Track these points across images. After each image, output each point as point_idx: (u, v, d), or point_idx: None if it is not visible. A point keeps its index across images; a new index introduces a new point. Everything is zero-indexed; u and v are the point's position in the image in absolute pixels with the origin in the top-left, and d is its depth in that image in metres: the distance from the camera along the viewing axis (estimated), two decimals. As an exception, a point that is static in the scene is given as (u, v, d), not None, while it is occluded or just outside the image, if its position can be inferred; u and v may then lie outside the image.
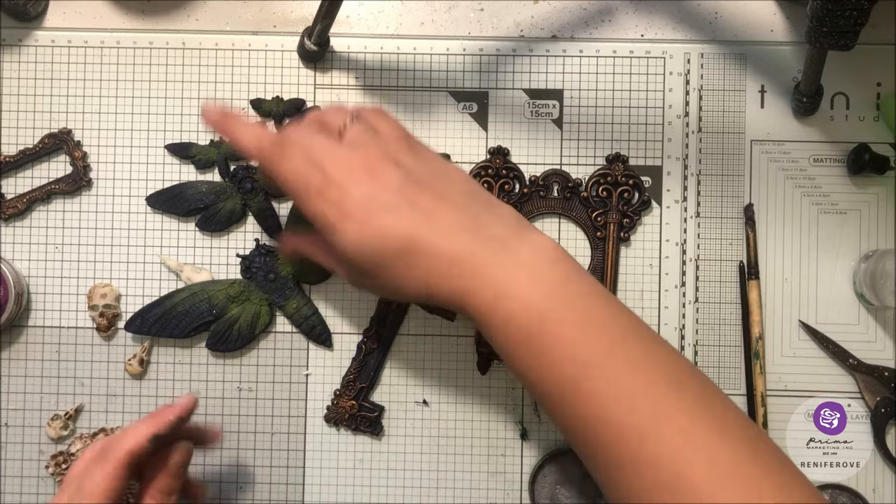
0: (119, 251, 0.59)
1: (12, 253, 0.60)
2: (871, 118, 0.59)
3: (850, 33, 0.49)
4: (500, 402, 0.59)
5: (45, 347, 0.59)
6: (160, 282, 0.59)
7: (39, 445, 0.59)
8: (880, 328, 0.59)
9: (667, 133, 0.59)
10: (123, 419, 0.59)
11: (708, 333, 0.59)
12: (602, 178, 0.59)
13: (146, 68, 0.60)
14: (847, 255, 0.59)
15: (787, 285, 0.59)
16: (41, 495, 0.59)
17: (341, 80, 0.60)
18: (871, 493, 0.58)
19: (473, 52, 0.60)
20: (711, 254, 0.59)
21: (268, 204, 0.59)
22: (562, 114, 0.59)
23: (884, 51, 0.59)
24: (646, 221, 0.59)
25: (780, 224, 0.59)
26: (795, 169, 0.59)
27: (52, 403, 0.59)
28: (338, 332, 0.59)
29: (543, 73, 0.60)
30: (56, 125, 0.60)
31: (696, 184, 0.59)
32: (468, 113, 0.60)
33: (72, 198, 0.60)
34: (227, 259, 0.59)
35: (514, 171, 0.59)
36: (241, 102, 0.60)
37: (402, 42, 0.60)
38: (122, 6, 0.60)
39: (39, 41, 0.60)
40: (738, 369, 0.58)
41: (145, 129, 0.60)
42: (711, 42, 0.60)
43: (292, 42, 0.60)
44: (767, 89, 0.59)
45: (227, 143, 0.59)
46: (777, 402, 0.58)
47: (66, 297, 0.59)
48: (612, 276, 0.58)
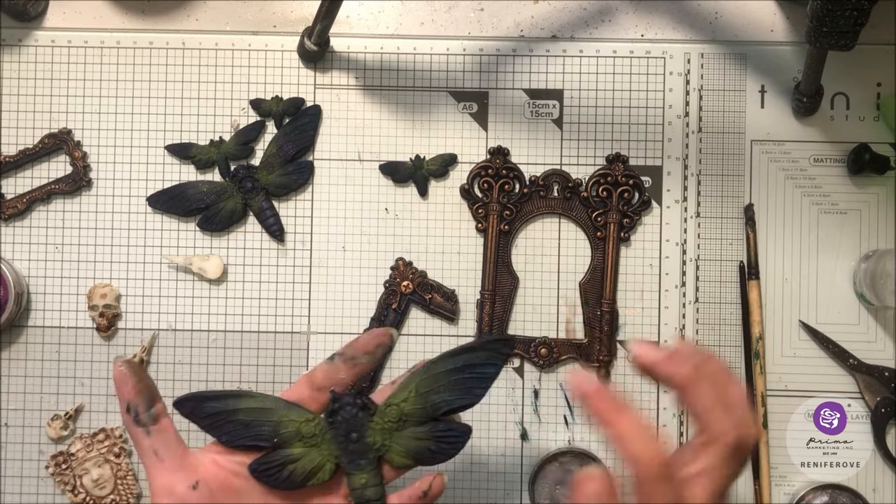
0: (119, 251, 0.59)
1: (12, 253, 0.60)
2: (871, 118, 0.59)
3: (850, 33, 0.49)
4: (500, 402, 0.59)
5: (45, 347, 0.59)
6: (160, 282, 0.59)
7: (39, 445, 0.59)
8: (880, 328, 0.59)
9: (667, 133, 0.59)
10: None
11: (708, 333, 0.59)
12: (602, 178, 0.59)
13: (146, 68, 0.60)
14: (847, 255, 0.59)
15: (787, 285, 0.59)
16: (41, 495, 0.59)
17: (341, 80, 0.60)
18: (871, 493, 0.58)
19: (473, 52, 0.60)
20: (711, 254, 0.59)
21: (269, 203, 0.59)
22: (562, 114, 0.59)
23: (884, 51, 0.59)
24: (646, 221, 0.59)
25: (780, 224, 0.59)
26: (795, 169, 0.59)
27: (52, 403, 0.59)
28: (338, 333, 0.59)
29: (543, 73, 0.60)
30: (56, 125, 0.60)
31: (696, 184, 0.59)
32: (468, 113, 0.60)
33: (72, 198, 0.60)
34: (227, 259, 0.59)
35: (514, 171, 0.59)
36: (241, 102, 0.60)
37: (402, 42, 0.60)
38: (122, 6, 0.60)
39: (39, 41, 0.60)
40: (738, 369, 0.58)
41: (145, 129, 0.60)
42: (711, 42, 0.60)
43: (292, 42, 0.60)
44: (767, 89, 0.59)
45: (227, 143, 0.59)
46: (777, 402, 0.58)
47: (66, 297, 0.59)
48: (612, 276, 0.58)
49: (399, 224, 0.59)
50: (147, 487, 0.59)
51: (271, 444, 0.46)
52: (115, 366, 0.45)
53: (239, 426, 0.46)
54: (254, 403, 0.46)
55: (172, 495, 0.43)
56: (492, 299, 0.58)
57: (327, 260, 0.59)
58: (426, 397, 0.46)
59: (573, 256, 0.59)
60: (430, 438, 0.47)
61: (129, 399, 0.44)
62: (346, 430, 0.46)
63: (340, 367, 0.46)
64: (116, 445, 0.58)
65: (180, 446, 0.45)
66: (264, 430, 0.46)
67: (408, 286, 0.58)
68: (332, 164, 0.60)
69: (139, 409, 0.44)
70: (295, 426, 0.46)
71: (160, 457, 0.44)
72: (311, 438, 0.46)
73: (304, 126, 0.59)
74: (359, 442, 0.46)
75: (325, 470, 0.46)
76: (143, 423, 0.44)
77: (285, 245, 0.59)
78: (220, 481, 0.45)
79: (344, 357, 0.46)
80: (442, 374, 0.46)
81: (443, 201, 0.59)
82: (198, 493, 0.44)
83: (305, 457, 0.46)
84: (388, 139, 0.60)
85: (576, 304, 0.59)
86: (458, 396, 0.46)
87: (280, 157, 0.59)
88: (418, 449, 0.46)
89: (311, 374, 0.47)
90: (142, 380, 0.45)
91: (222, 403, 0.46)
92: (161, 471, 0.44)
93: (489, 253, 0.59)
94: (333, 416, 0.46)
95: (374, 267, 0.59)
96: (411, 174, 0.59)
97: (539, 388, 0.59)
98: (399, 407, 0.46)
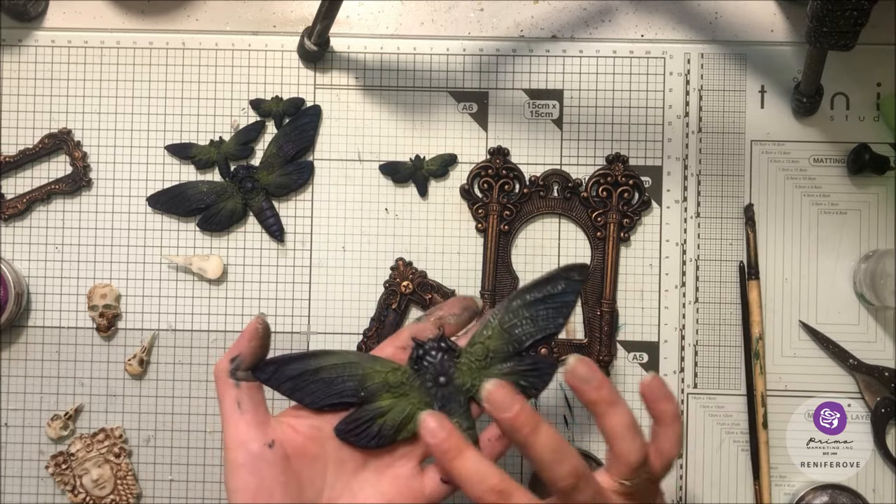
0: (119, 251, 0.59)
1: (12, 253, 0.60)
2: (871, 118, 0.59)
3: (850, 33, 0.49)
4: (500, 402, 0.59)
5: (45, 347, 0.59)
6: (160, 282, 0.59)
7: (39, 445, 0.59)
8: (880, 328, 0.59)
9: (667, 133, 0.59)
10: (123, 419, 0.59)
11: (708, 333, 0.59)
12: (602, 178, 0.59)
13: (146, 68, 0.60)
14: (847, 255, 0.59)
15: (787, 285, 0.59)
16: (41, 495, 0.59)
17: (341, 80, 0.60)
18: (871, 493, 0.58)
19: (473, 52, 0.60)
20: (711, 254, 0.59)
21: (269, 203, 0.59)
22: (562, 114, 0.59)
23: (884, 51, 0.59)
24: (646, 221, 0.59)
25: (780, 224, 0.59)
26: (795, 169, 0.59)
27: (52, 403, 0.59)
28: (338, 333, 0.59)
29: (543, 73, 0.60)
30: (56, 125, 0.60)
31: (696, 184, 0.59)
32: (468, 113, 0.60)
33: (72, 198, 0.60)
34: (227, 259, 0.59)
35: (514, 171, 0.59)
36: (241, 102, 0.60)
37: (402, 42, 0.60)
38: (122, 6, 0.60)
39: (39, 41, 0.60)
40: (738, 369, 0.58)
41: (145, 129, 0.60)
42: (711, 42, 0.60)
43: (292, 42, 0.60)
44: (767, 89, 0.59)
45: (227, 143, 0.59)
46: (777, 402, 0.58)
47: (66, 297, 0.59)
48: (612, 276, 0.58)
49: (399, 224, 0.59)
50: (147, 487, 0.59)
51: (358, 398, 0.45)
52: (257, 318, 0.44)
53: (323, 384, 0.45)
54: (336, 360, 0.45)
55: (247, 451, 0.42)
56: (492, 299, 0.58)
57: (327, 260, 0.59)
58: (510, 332, 0.46)
59: (573, 256, 0.59)
60: (518, 374, 0.46)
61: (242, 351, 0.43)
62: (434, 374, 0.46)
63: (428, 326, 0.47)
64: (116, 445, 0.58)
65: (263, 405, 0.44)
66: (349, 384, 0.45)
67: (408, 286, 0.58)
68: (332, 165, 0.60)
69: (242, 364, 0.43)
70: (381, 377, 0.45)
71: (242, 409, 0.43)
72: (399, 388, 0.46)
73: (304, 126, 0.59)
74: (448, 385, 0.46)
75: (415, 420, 0.45)
76: (237, 377, 0.43)
77: (285, 245, 0.59)
78: (297, 446, 0.44)
79: (432, 317, 0.47)
80: (522, 308, 0.46)
81: (443, 201, 0.59)
82: (272, 453, 0.42)
83: (395, 408, 0.45)
84: (388, 139, 0.60)
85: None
86: (541, 327, 0.46)
87: (280, 158, 0.59)
88: None
89: (397, 334, 0.47)
90: (264, 346, 0.44)
91: (304, 364, 0.45)
92: (239, 422, 0.43)
93: (489, 253, 0.59)
94: (419, 363, 0.46)
95: (373, 267, 0.59)
96: (411, 174, 0.59)
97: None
98: (484, 344, 0.46)
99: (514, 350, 0.46)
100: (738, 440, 0.58)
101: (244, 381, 0.43)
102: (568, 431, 0.59)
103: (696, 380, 0.58)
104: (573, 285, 0.47)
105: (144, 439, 0.59)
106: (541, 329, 0.46)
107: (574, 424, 0.59)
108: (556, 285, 0.47)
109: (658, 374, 0.43)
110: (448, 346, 0.46)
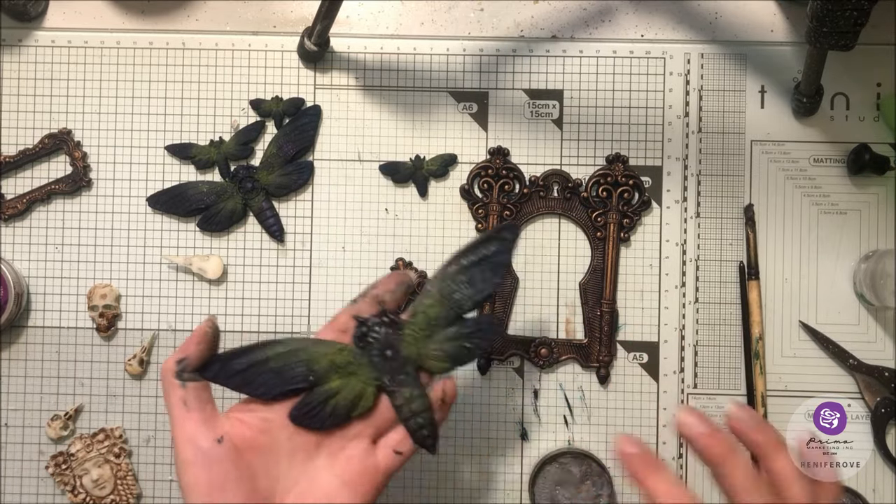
0: (119, 251, 0.59)
1: (12, 253, 0.60)
2: (871, 118, 0.59)
3: (850, 33, 0.49)
4: (500, 403, 0.59)
5: (45, 347, 0.59)
6: (160, 282, 0.59)
7: (39, 445, 0.59)
8: (880, 328, 0.59)
9: (667, 133, 0.59)
10: (123, 419, 0.59)
11: (708, 333, 0.59)
12: (602, 179, 0.59)
13: (146, 68, 0.60)
14: (847, 255, 0.59)
15: (787, 285, 0.59)
16: (41, 495, 0.59)
17: (341, 80, 0.60)
18: (871, 493, 0.58)
19: (473, 52, 0.60)
20: (711, 254, 0.59)
21: (269, 203, 0.59)
22: (562, 114, 0.59)
23: (884, 51, 0.59)
24: (646, 222, 0.59)
25: (780, 224, 0.59)
26: (795, 169, 0.59)
27: (52, 403, 0.59)
28: (338, 333, 0.59)
29: (543, 73, 0.60)
30: (56, 125, 0.60)
31: (696, 184, 0.59)
32: (468, 113, 0.60)
33: (72, 198, 0.60)
34: (227, 259, 0.59)
35: (514, 171, 0.59)
36: (241, 103, 0.60)
37: (402, 42, 0.60)
38: (122, 6, 0.60)
39: (39, 41, 0.60)
40: (738, 369, 0.58)
41: (145, 129, 0.60)
42: (711, 42, 0.60)
43: (292, 42, 0.60)
44: (767, 89, 0.59)
45: (227, 143, 0.59)
46: (777, 403, 0.58)
47: (66, 297, 0.59)
48: (612, 276, 0.58)
49: (399, 224, 0.59)
50: (147, 487, 0.59)
51: (308, 383, 0.45)
52: (207, 321, 0.45)
53: (272, 374, 0.45)
54: (282, 348, 0.46)
55: (196, 448, 0.42)
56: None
57: (327, 260, 0.59)
58: (450, 298, 0.47)
59: (573, 256, 0.59)
60: (462, 337, 0.47)
61: (189, 353, 0.44)
62: (380, 348, 0.46)
63: (363, 307, 0.47)
64: (116, 445, 0.58)
65: (211, 403, 0.44)
66: (298, 370, 0.46)
67: (408, 286, 0.58)
68: (332, 165, 0.60)
69: (188, 366, 0.43)
70: (328, 359, 0.46)
71: (188, 407, 0.43)
72: (347, 367, 0.46)
73: (304, 126, 0.59)
74: (395, 357, 0.46)
75: (367, 396, 0.46)
76: (182, 378, 0.43)
77: (285, 245, 0.59)
78: (247, 439, 0.44)
79: (367, 297, 0.47)
80: (458, 272, 0.48)
81: (443, 201, 0.59)
82: (222, 448, 0.42)
83: (346, 387, 0.46)
84: (388, 139, 0.60)
85: (575, 304, 0.59)
86: (479, 289, 0.48)
87: (280, 158, 0.59)
88: (454, 349, 0.47)
89: (334, 319, 0.47)
90: (212, 349, 0.45)
91: (249, 357, 0.46)
92: (187, 421, 0.43)
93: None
94: (363, 340, 0.46)
95: (374, 267, 0.59)
96: (411, 174, 0.59)
97: (539, 389, 0.59)
98: (426, 313, 0.47)
99: (455, 315, 0.47)
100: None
101: (190, 381, 0.44)
102: (568, 432, 0.59)
103: (696, 380, 0.58)
104: (505, 244, 0.48)
105: (144, 439, 0.59)
106: (479, 291, 0.48)
107: (574, 424, 0.59)
108: (489, 247, 0.48)
109: (741, 403, 0.45)
110: (391, 320, 0.47)
